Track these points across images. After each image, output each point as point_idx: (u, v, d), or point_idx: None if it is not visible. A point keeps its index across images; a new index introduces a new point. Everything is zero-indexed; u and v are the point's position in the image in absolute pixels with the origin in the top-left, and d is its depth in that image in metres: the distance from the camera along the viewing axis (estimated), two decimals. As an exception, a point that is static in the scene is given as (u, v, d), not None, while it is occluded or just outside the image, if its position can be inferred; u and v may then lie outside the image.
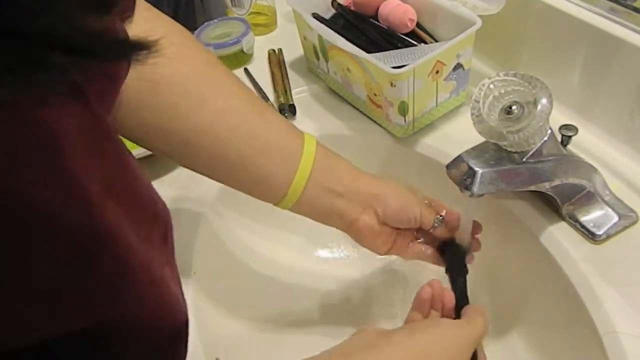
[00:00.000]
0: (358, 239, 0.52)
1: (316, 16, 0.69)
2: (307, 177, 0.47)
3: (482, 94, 0.44)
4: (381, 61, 0.58)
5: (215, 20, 0.83)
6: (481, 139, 0.46)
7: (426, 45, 0.65)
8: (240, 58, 0.80)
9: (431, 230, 0.52)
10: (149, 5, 0.45)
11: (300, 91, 0.74)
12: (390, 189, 0.51)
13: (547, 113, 0.42)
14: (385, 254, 0.53)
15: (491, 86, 0.44)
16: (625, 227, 0.52)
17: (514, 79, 0.43)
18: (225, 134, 0.45)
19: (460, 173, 0.45)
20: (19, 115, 0.19)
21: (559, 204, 0.52)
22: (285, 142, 0.47)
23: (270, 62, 0.79)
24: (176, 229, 0.41)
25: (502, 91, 0.44)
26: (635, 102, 0.55)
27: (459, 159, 0.46)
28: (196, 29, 0.81)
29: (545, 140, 0.46)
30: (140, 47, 0.19)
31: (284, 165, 0.47)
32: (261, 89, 0.75)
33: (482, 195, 0.45)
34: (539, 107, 0.42)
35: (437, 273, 0.52)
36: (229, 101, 0.46)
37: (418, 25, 0.67)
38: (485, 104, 0.44)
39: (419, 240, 0.54)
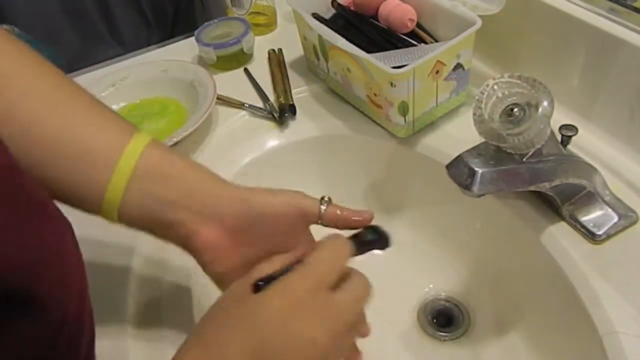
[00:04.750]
0: (199, 262, 0.42)
1: (316, 16, 0.69)
2: (123, 185, 0.39)
3: (485, 94, 0.44)
4: (381, 61, 0.58)
5: (215, 20, 0.83)
6: (481, 139, 0.46)
7: (426, 45, 0.65)
8: (240, 58, 0.80)
9: (321, 216, 0.42)
10: None
11: (300, 91, 0.74)
12: (251, 191, 0.42)
13: (548, 116, 0.42)
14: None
15: (495, 87, 0.44)
16: (625, 227, 0.52)
17: (517, 81, 0.43)
18: (16, 135, 0.37)
19: (460, 173, 0.45)
20: None
21: (559, 204, 0.52)
22: (97, 145, 0.39)
23: (270, 62, 0.79)
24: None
25: (506, 92, 0.44)
26: (636, 102, 0.55)
27: (459, 159, 0.46)
28: (196, 29, 0.81)
29: (546, 141, 0.46)
30: None
31: (93, 172, 0.39)
32: (261, 89, 0.75)
33: (482, 195, 0.45)
34: (540, 110, 0.42)
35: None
36: (26, 97, 0.38)
37: (418, 25, 0.67)
38: (487, 104, 0.44)
39: None
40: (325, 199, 0.43)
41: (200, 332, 0.35)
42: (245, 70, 0.79)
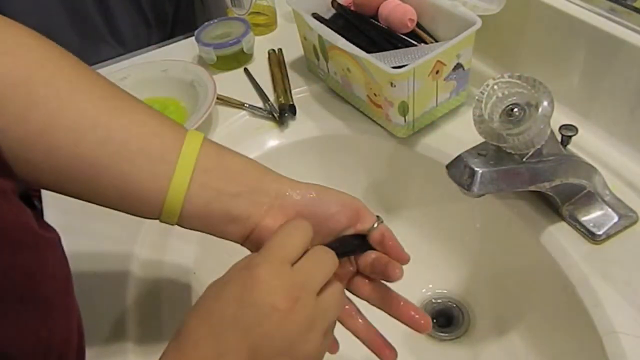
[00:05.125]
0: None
1: (316, 16, 0.69)
2: (187, 180, 0.38)
3: (485, 94, 0.44)
4: (381, 61, 0.58)
5: (215, 20, 0.83)
6: (481, 139, 0.46)
7: (426, 45, 0.65)
8: (240, 58, 0.80)
9: (370, 231, 0.43)
10: None
11: (300, 91, 0.74)
12: (304, 184, 0.42)
13: (548, 116, 0.42)
14: None
15: (495, 87, 0.44)
16: (625, 227, 0.52)
17: (517, 81, 0.43)
18: (62, 142, 0.36)
19: (460, 173, 0.45)
20: None
21: (559, 204, 0.52)
22: (154, 143, 0.38)
23: (270, 62, 0.79)
24: (176, 229, 0.42)
25: (506, 92, 0.44)
26: (636, 102, 0.55)
27: (459, 159, 0.46)
28: (196, 29, 0.81)
29: (546, 141, 0.46)
30: None
31: (154, 170, 0.38)
32: (261, 89, 0.75)
33: (482, 195, 0.45)
34: (540, 110, 0.42)
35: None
36: (69, 98, 0.36)
37: (418, 25, 0.67)
38: (487, 104, 0.44)
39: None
40: (380, 218, 0.43)
41: (178, 328, 0.35)
42: (245, 70, 0.79)
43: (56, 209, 0.61)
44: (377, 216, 0.44)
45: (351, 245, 0.43)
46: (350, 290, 0.45)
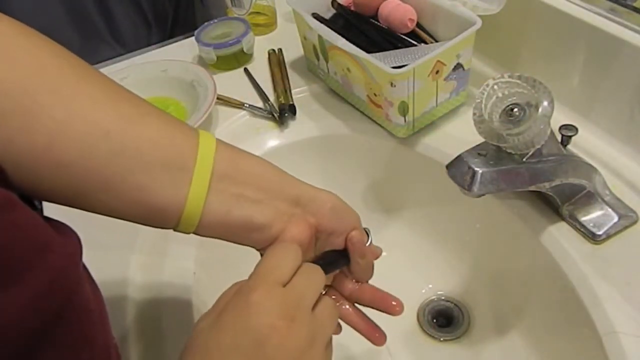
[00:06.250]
0: None
1: (316, 16, 0.69)
2: (205, 189, 0.36)
3: (485, 94, 0.44)
4: (381, 61, 0.58)
5: (215, 20, 0.83)
6: (481, 139, 0.46)
7: (426, 45, 0.65)
8: (240, 58, 0.80)
9: (366, 245, 0.44)
10: None
11: (300, 91, 0.74)
12: (324, 192, 0.42)
13: (548, 116, 0.42)
14: None
15: (495, 87, 0.44)
16: (625, 227, 0.52)
17: (517, 81, 0.43)
18: (72, 155, 0.33)
19: (460, 173, 0.45)
20: None
21: (559, 204, 0.52)
22: (168, 150, 0.36)
23: (270, 62, 0.80)
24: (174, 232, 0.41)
25: (506, 92, 0.44)
26: (636, 102, 0.55)
27: (459, 159, 0.46)
28: (196, 29, 0.82)
29: (546, 141, 0.46)
30: None
31: (170, 180, 0.36)
32: (261, 89, 0.75)
33: (482, 195, 0.45)
34: (540, 110, 0.42)
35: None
36: (74, 106, 0.33)
37: (418, 25, 0.67)
38: (487, 104, 0.44)
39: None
40: (368, 229, 0.44)
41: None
42: (245, 70, 0.79)
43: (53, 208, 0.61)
44: (367, 232, 0.44)
45: (335, 264, 0.43)
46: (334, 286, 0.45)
